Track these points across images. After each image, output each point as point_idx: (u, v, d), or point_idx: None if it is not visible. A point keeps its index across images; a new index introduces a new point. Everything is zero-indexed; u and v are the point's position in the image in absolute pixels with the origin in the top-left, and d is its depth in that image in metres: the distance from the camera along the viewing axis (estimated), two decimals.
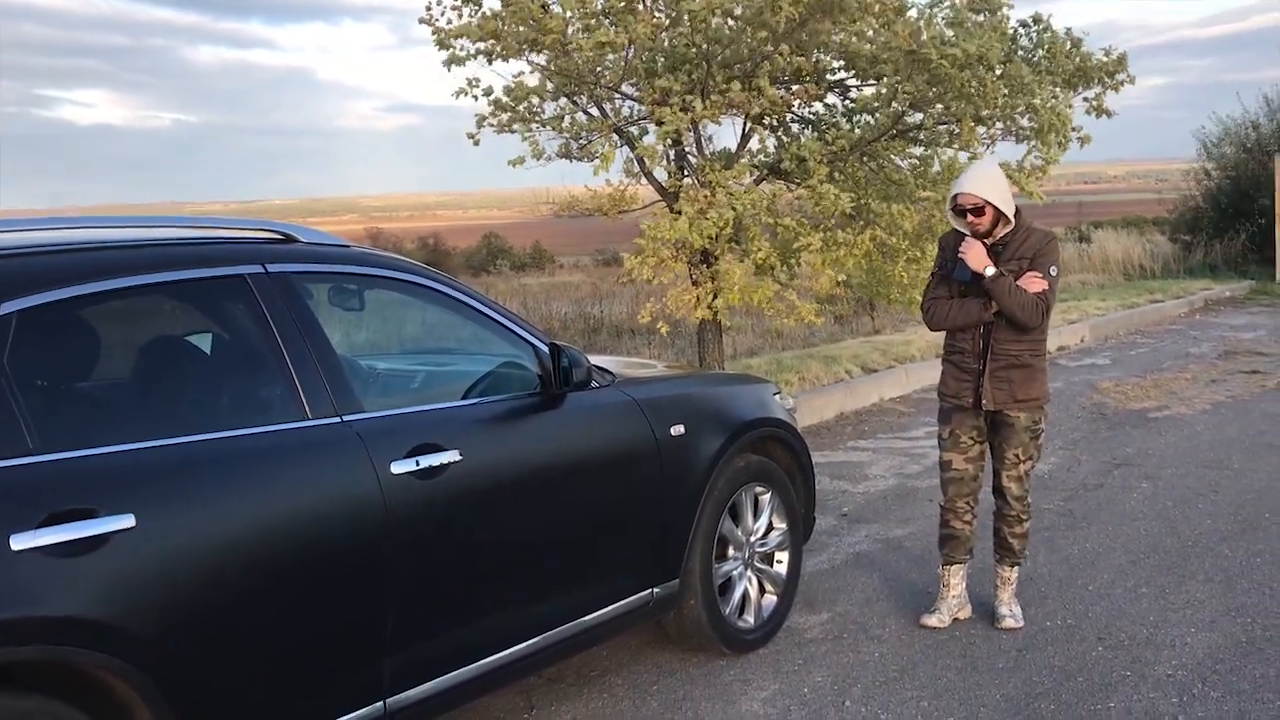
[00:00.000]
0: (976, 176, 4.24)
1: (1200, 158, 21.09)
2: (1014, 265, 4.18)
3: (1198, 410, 8.62)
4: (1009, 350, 4.23)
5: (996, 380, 4.24)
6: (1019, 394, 4.24)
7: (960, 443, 4.37)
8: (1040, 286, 4.14)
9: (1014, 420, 4.28)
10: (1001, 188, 4.23)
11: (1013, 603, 4.44)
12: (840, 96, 8.27)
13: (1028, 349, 4.24)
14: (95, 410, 2.82)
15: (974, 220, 4.20)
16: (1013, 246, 4.22)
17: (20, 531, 2.31)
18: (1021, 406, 4.26)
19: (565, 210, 8.86)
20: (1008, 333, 4.21)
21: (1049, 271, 4.18)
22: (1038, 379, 4.29)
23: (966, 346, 4.31)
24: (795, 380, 9.20)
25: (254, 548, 2.72)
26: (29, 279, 2.57)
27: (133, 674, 2.46)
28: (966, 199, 4.18)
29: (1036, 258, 4.19)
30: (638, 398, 3.95)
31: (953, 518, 4.44)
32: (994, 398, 4.25)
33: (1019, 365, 4.24)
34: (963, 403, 4.32)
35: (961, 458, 4.37)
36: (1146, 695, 3.77)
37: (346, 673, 2.93)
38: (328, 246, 3.32)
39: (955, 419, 4.37)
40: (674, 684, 4.03)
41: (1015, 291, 4.12)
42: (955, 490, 4.41)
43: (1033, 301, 4.13)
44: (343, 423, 2.99)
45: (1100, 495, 6.31)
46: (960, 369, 4.34)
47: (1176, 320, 14.83)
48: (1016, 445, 4.31)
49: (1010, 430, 4.30)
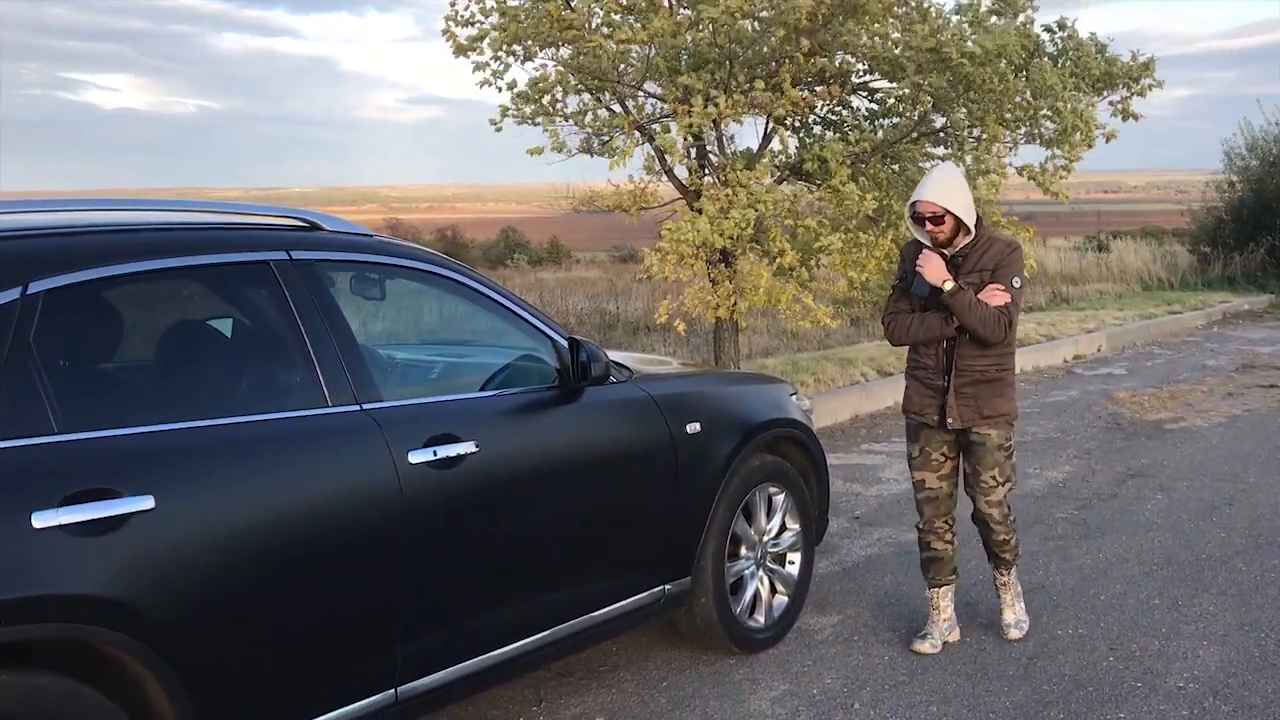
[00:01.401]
0: (937, 184, 4.03)
1: (1225, 168, 20.97)
2: (975, 277, 4.00)
3: (1214, 423, 8.58)
4: (974, 366, 4.05)
5: (962, 397, 4.07)
6: (985, 410, 4.07)
7: (931, 460, 4.21)
8: (1002, 300, 3.96)
9: (984, 439, 4.11)
10: (963, 196, 4.03)
11: (1017, 604, 4.40)
12: (865, 98, 8.26)
13: (993, 364, 4.07)
14: (118, 392, 2.83)
15: (933, 229, 4.02)
16: (973, 258, 4.04)
17: (42, 510, 2.33)
18: (989, 424, 4.09)
19: (585, 205, 8.87)
20: (971, 348, 4.04)
21: (1011, 283, 4.00)
22: (1005, 395, 4.11)
23: (930, 362, 4.14)
24: (810, 381, 9.19)
25: (271, 533, 2.73)
26: (56, 259, 2.59)
27: (148, 654, 2.48)
28: (926, 207, 4.00)
29: (999, 269, 4.00)
30: (655, 394, 3.95)
31: (933, 539, 4.29)
32: (960, 415, 4.08)
33: (984, 381, 4.06)
34: (928, 420, 4.16)
35: (934, 475, 4.22)
36: (1157, 707, 3.76)
37: (359, 659, 2.94)
38: (351, 235, 3.33)
39: (924, 436, 4.21)
40: (683, 681, 4.04)
41: (975, 306, 3.94)
42: (932, 510, 4.25)
43: (994, 316, 3.95)
44: (362, 411, 3.00)
45: (1114, 505, 6.29)
46: (924, 385, 4.16)
47: (1194, 332, 14.75)
48: (991, 466, 4.13)
49: (982, 450, 4.12)
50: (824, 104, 7.94)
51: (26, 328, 2.47)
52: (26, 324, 2.47)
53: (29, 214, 2.82)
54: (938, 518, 4.26)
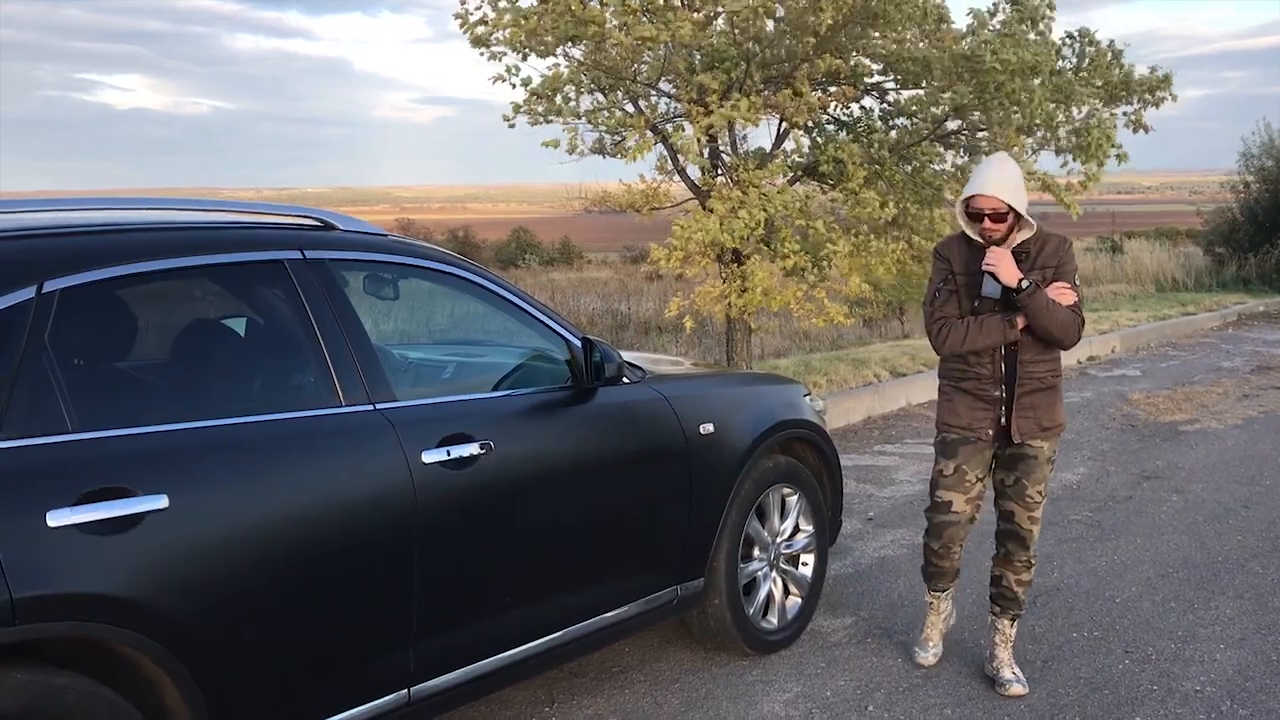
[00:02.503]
0: (998, 176, 3.69)
1: (1240, 169, 20.87)
2: (1037, 275, 3.72)
3: (1229, 425, 8.53)
4: (1034, 373, 3.77)
5: (1022, 409, 3.76)
6: (1045, 421, 3.80)
7: (965, 481, 3.85)
8: (1072, 299, 3.70)
9: (1037, 452, 3.81)
10: (1022, 189, 3.73)
11: (1014, 664, 3.97)
12: (878, 100, 8.24)
13: (1050, 370, 3.81)
14: (132, 390, 2.84)
15: (992, 226, 3.70)
16: (1033, 255, 3.75)
17: (57, 509, 2.33)
18: (1046, 435, 3.81)
19: (597, 205, 8.87)
20: (1034, 353, 3.76)
21: (1074, 281, 3.76)
22: (1059, 403, 3.86)
23: (985, 372, 3.79)
24: (823, 382, 9.17)
25: (284, 532, 2.73)
26: (71, 258, 2.59)
27: (161, 653, 2.47)
28: (986, 202, 3.67)
29: (1061, 266, 3.74)
30: (668, 394, 3.94)
31: (942, 559, 3.99)
32: (1020, 428, 3.77)
33: (1044, 389, 3.79)
34: (979, 435, 3.82)
35: (963, 498, 3.87)
36: (1173, 711, 3.73)
37: (372, 659, 2.94)
38: (365, 235, 3.33)
39: (964, 453, 3.84)
40: (696, 682, 4.03)
41: (1053, 308, 3.65)
42: (951, 534, 3.91)
43: (1070, 317, 3.68)
44: (375, 410, 3.00)
45: (1129, 507, 6.26)
46: (977, 397, 3.81)
47: (1209, 333, 14.68)
48: (1040, 481, 3.83)
49: (1033, 464, 3.82)
50: (838, 104, 7.92)
51: (41, 327, 2.47)
52: (41, 323, 2.47)
53: (43, 213, 2.82)
54: (955, 543, 3.95)
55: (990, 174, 3.71)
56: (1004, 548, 3.97)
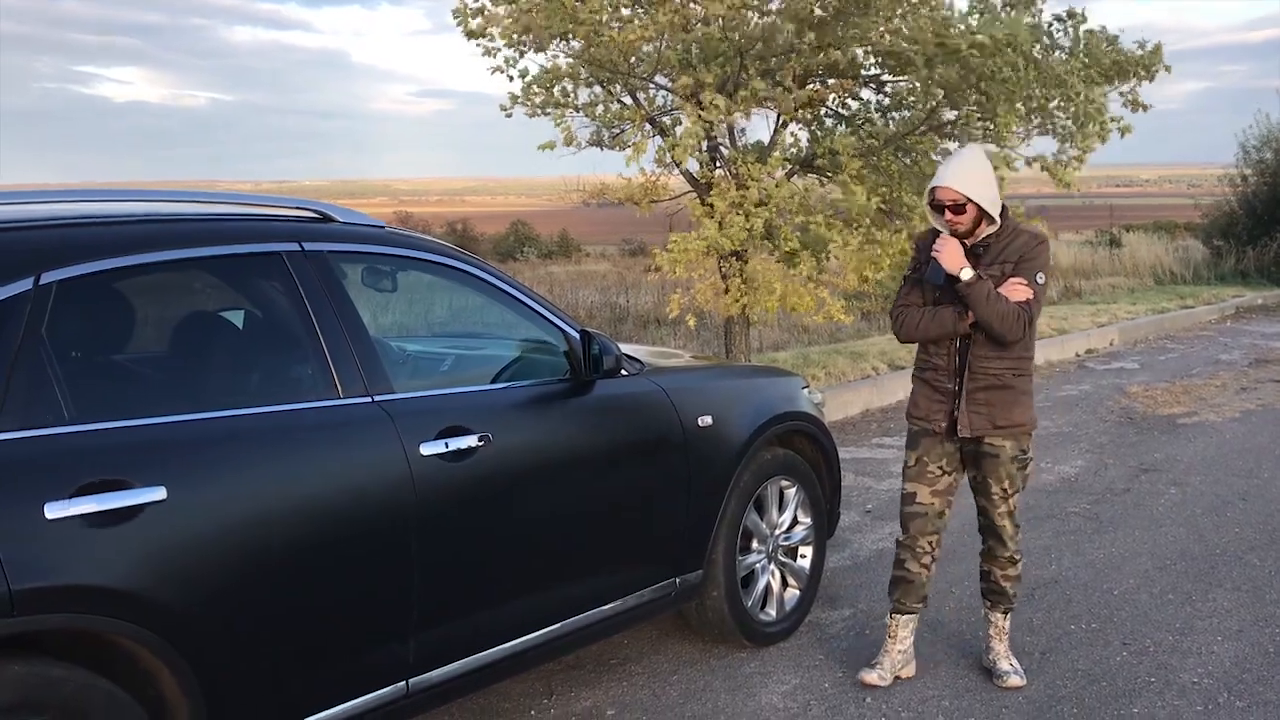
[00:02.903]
0: (959, 168, 3.67)
1: (1239, 162, 20.86)
2: (996, 270, 3.67)
3: (1227, 417, 8.53)
4: (988, 369, 3.71)
5: (974, 403, 3.72)
6: (999, 419, 3.72)
7: (928, 473, 3.85)
8: (1024, 295, 3.62)
9: (998, 450, 3.77)
10: (986, 182, 3.68)
11: (1011, 656, 3.97)
12: (876, 91, 8.23)
13: (1010, 368, 3.72)
14: (130, 382, 2.83)
15: (953, 218, 3.68)
16: (996, 249, 3.70)
17: (54, 500, 2.33)
18: (1004, 434, 3.75)
19: (595, 198, 8.86)
20: (987, 348, 3.70)
21: (1035, 279, 3.66)
22: (1021, 402, 3.75)
23: (941, 363, 3.79)
24: (822, 375, 9.18)
25: (283, 524, 2.73)
26: (68, 250, 2.58)
27: (160, 645, 2.48)
28: (945, 193, 3.65)
29: (1021, 262, 3.67)
30: (666, 387, 3.94)
31: (909, 558, 3.91)
32: (971, 423, 3.73)
33: (1000, 386, 3.71)
34: (934, 427, 3.81)
35: (928, 490, 3.86)
36: (1171, 702, 3.74)
37: (371, 651, 2.94)
38: (364, 227, 3.32)
39: (924, 445, 3.85)
40: (694, 674, 4.03)
41: (994, 299, 3.59)
42: (918, 527, 3.88)
43: (1014, 312, 3.59)
44: (374, 403, 2.99)
45: (1127, 500, 6.26)
46: (933, 388, 3.81)
47: (1207, 326, 14.68)
48: (1004, 478, 3.79)
49: (994, 463, 3.78)
50: (835, 97, 7.91)
51: (39, 318, 2.47)
52: (39, 315, 2.47)
53: (41, 205, 2.81)
54: (922, 535, 3.89)
55: (952, 166, 3.71)
56: (985, 543, 3.97)
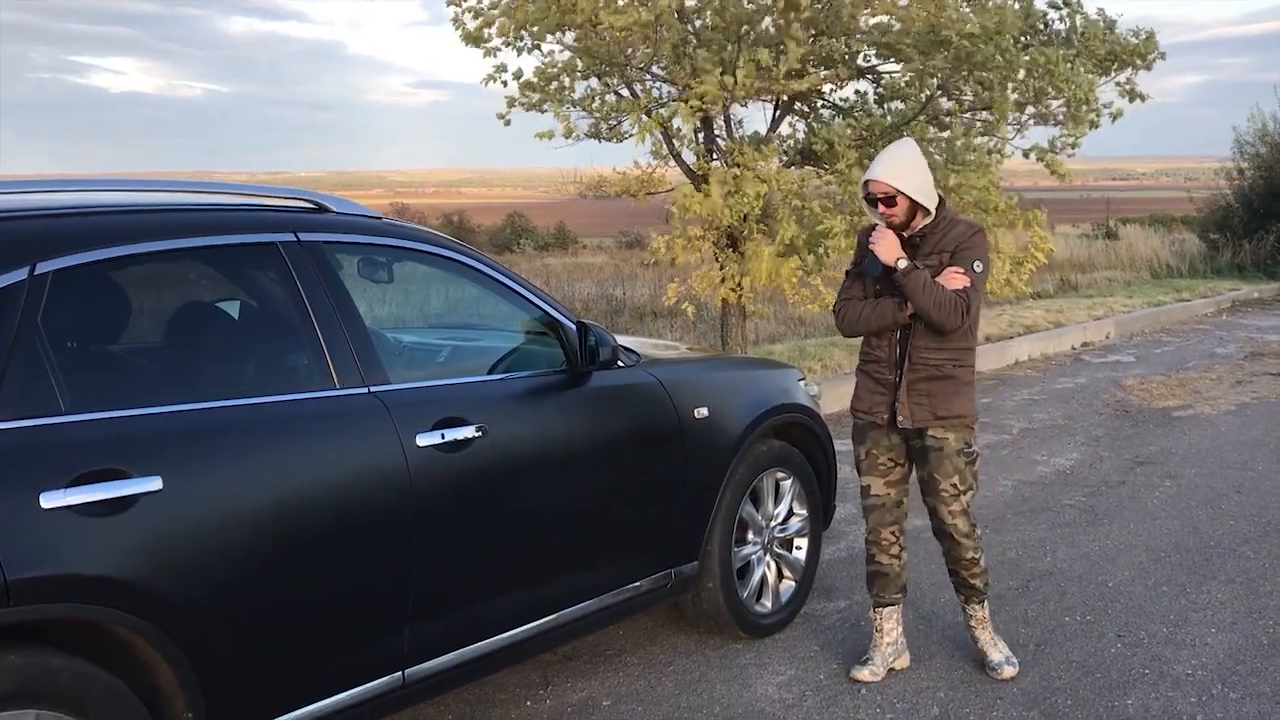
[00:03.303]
0: (889, 161, 3.71)
1: (1235, 155, 20.86)
2: (934, 259, 3.68)
3: (1222, 410, 8.55)
4: (928, 359, 3.72)
5: (915, 394, 3.73)
6: (940, 410, 3.73)
7: (879, 465, 3.87)
8: (960, 283, 3.63)
9: (941, 444, 3.75)
10: (918, 174, 3.71)
11: (998, 643, 3.97)
12: (872, 83, 8.23)
13: (950, 359, 3.73)
14: (126, 372, 2.83)
15: (886, 211, 3.70)
16: (933, 239, 3.72)
17: (50, 490, 2.33)
18: (946, 425, 3.74)
19: (592, 190, 8.86)
20: (927, 339, 3.71)
21: (972, 267, 3.67)
22: (962, 393, 3.76)
23: (882, 355, 3.81)
24: (818, 368, 9.18)
25: (279, 515, 2.73)
26: (64, 240, 2.58)
27: (156, 635, 2.48)
28: (877, 186, 3.68)
29: (959, 251, 3.68)
30: (662, 379, 3.95)
31: (878, 551, 3.94)
32: (912, 414, 3.74)
33: (940, 377, 3.72)
34: (877, 419, 3.83)
35: (881, 481, 3.88)
36: (1165, 694, 3.75)
37: (367, 642, 2.95)
38: (359, 217, 3.32)
39: (871, 438, 3.87)
40: (690, 665, 4.04)
41: (930, 288, 3.60)
42: (877, 519, 3.91)
43: (950, 300, 3.60)
44: (370, 393, 2.99)
45: (1122, 492, 6.28)
46: (875, 380, 3.83)
47: (1203, 320, 14.70)
48: (951, 474, 3.76)
49: (939, 456, 3.76)
50: (832, 87, 7.91)
51: (34, 308, 2.47)
52: (34, 305, 2.47)
53: (35, 194, 2.81)
54: (883, 527, 3.92)
55: (884, 160, 3.74)
56: (942, 545, 3.94)
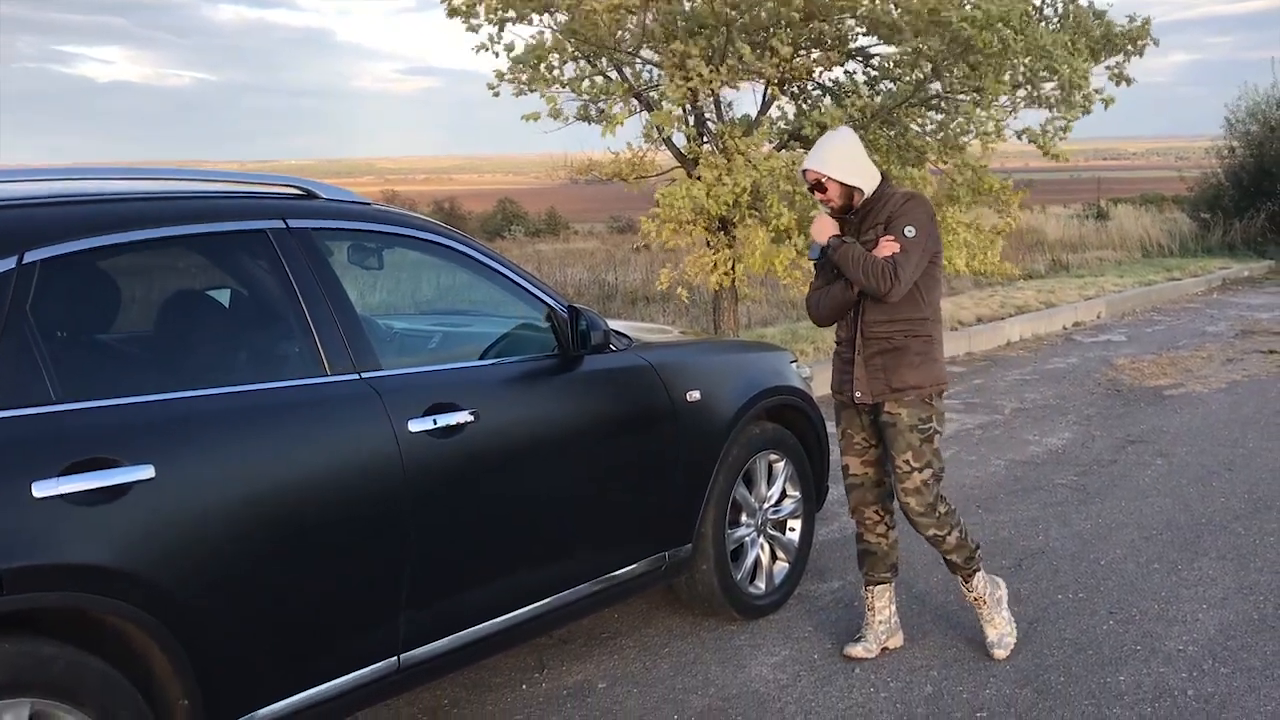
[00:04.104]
0: (817, 150, 3.84)
1: (1225, 134, 20.87)
2: (871, 234, 3.75)
3: (1213, 389, 8.58)
4: (878, 333, 3.77)
5: (870, 369, 3.78)
6: (895, 382, 3.75)
7: (854, 444, 3.93)
8: (890, 249, 3.67)
9: (895, 419, 3.77)
10: (846, 158, 3.78)
11: (997, 616, 3.95)
12: (862, 64, 8.21)
13: (901, 330, 3.76)
14: (116, 361, 2.82)
15: (821, 197, 3.84)
16: (872, 215, 3.79)
17: (42, 479, 2.32)
18: (899, 399, 3.76)
19: (583, 174, 8.84)
20: (876, 313, 3.77)
21: (903, 232, 3.69)
22: (914, 363, 3.76)
23: (843, 334, 3.90)
24: (810, 350, 9.19)
25: (272, 502, 2.73)
26: (52, 229, 2.57)
27: (150, 623, 2.48)
28: (809, 175, 3.83)
29: (891, 221, 3.73)
30: (654, 362, 3.95)
31: (864, 530, 3.99)
32: (868, 388, 3.79)
33: (891, 349, 3.76)
34: (845, 398, 3.90)
35: (858, 461, 3.94)
36: (1156, 670, 3.78)
37: (361, 628, 2.95)
38: (348, 204, 3.31)
39: (845, 417, 3.95)
40: (685, 647, 4.05)
41: (859, 258, 3.68)
42: (858, 498, 3.97)
43: (878, 265, 3.65)
44: (361, 380, 2.99)
45: (1113, 471, 6.30)
46: (840, 359, 3.92)
47: (1194, 299, 14.73)
48: (904, 449, 3.76)
49: (893, 432, 3.78)
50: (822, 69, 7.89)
51: (23, 297, 2.46)
52: (23, 294, 2.46)
53: (23, 183, 2.80)
54: (865, 506, 3.96)
55: (814, 149, 3.88)
56: (909, 520, 3.88)
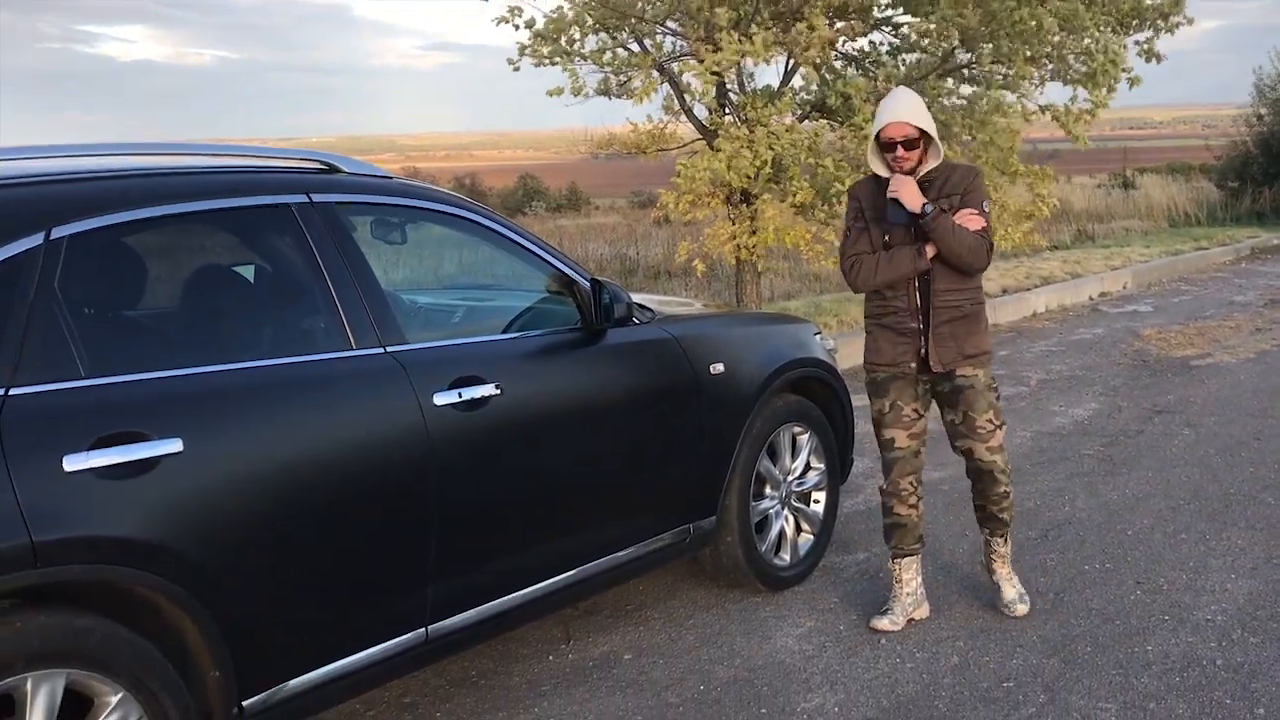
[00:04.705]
0: (907, 104, 3.72)
1: (1254, 101, 20.59)
2: (945, 203, 3.72)
3: (1241, 359, 8.50)
4: (950, 301, 3.76)
5: (940, 338, 3.76)
6: (967, 349, 3.79)
7: (903, 416, 3.87)
8: (980, 223, 3.70)
9: (972, 381, 3.80)
10: (929, 116, 3.78)
11: (1014, 579, 4.05)
12: (890, 33, 8.13)
13: (969, 297, 3.80)
14: (143, 336, 2.84)
15: (904, 155, 3.70)
16: (938, 184, 3.75)
17: (73, 453, 2.34)
18: (973, 363, 3.80)
19: (604, 148, 8.81)
20: (948, 281, 3.75)
21: (983, 208, 3.74)
22: (982, 331, 3.84)
23: (901, 305, 3.80)
24: (834, 323, 9.16)
25: (299, 474, 2.75)
26: (79, 204, 2.58)
27: (180, 595, 2.50)
28: (899, 129, 3.67)
29: (967, 193, 3.74)
30: (678, 335, 3.94)
31: (896, 503, 3.95)
32: (940, 357, 3.77)
33: (962, 317, 3.77)
34: (902, 370, 3.83)
35: (905, 434, 3.89)
36: (1185, 640, 3.76)
37: (389, 599, 2.97)
38: (371, 177, 3.31)
39: (895, 389, 3.86)
40: (710, 619, 4.07)
41: (960, 231, 3.65)
42: (899, 470, 3.92)
43: (977, 241, 3.68)
44: (386, 353, 3.00)
45: (1140, 441, 6.26)
46: (897, 332, 3.82)
47: (1221, 268, 14.59)
48: (986, 409, 3.82)
49: (973, 394, 3.81)
50: (845, 39, 7.82)
51: (51, 273, 2.47)
52: (51, 270, 2.47)
53: (49, 160, 2.81)
54: (903, 478, 3.93)
55: (899, 103, 3.75)
56: (977, 484, 3.98)
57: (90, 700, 2.39)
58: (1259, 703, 3.33)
